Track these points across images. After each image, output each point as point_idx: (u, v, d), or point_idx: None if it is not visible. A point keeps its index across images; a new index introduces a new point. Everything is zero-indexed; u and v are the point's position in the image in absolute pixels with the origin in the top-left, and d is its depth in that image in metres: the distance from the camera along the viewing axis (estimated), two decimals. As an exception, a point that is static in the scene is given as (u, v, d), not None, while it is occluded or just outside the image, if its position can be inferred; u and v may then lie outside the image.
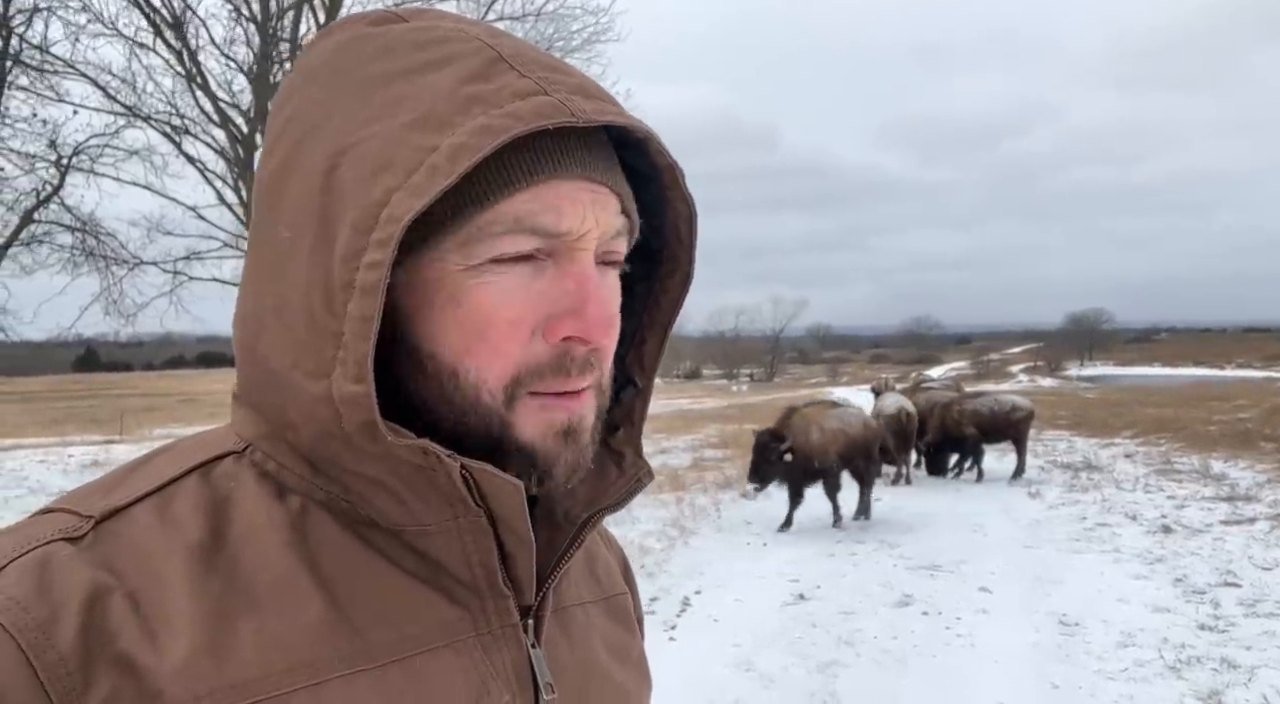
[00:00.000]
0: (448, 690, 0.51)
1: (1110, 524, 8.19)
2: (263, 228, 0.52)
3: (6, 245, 14.69)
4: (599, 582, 0.70)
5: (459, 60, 0.49)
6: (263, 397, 0.53)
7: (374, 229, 0.45)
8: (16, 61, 13.81)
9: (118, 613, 0.44)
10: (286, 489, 0.52)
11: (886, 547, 7.51)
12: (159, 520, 0.49)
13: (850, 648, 4.91)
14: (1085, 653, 4.75)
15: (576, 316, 0.50)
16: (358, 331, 0.46)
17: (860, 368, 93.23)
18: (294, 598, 0.49)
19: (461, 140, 0.45)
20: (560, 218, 0.49)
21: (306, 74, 0.53)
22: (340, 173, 0.47)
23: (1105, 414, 21.00)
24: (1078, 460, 12.81)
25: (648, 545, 7.58)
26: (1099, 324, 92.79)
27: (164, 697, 0.44)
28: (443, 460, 0.49)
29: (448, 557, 0.52)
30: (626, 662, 0.68)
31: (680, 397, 44.18)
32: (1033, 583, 6.21)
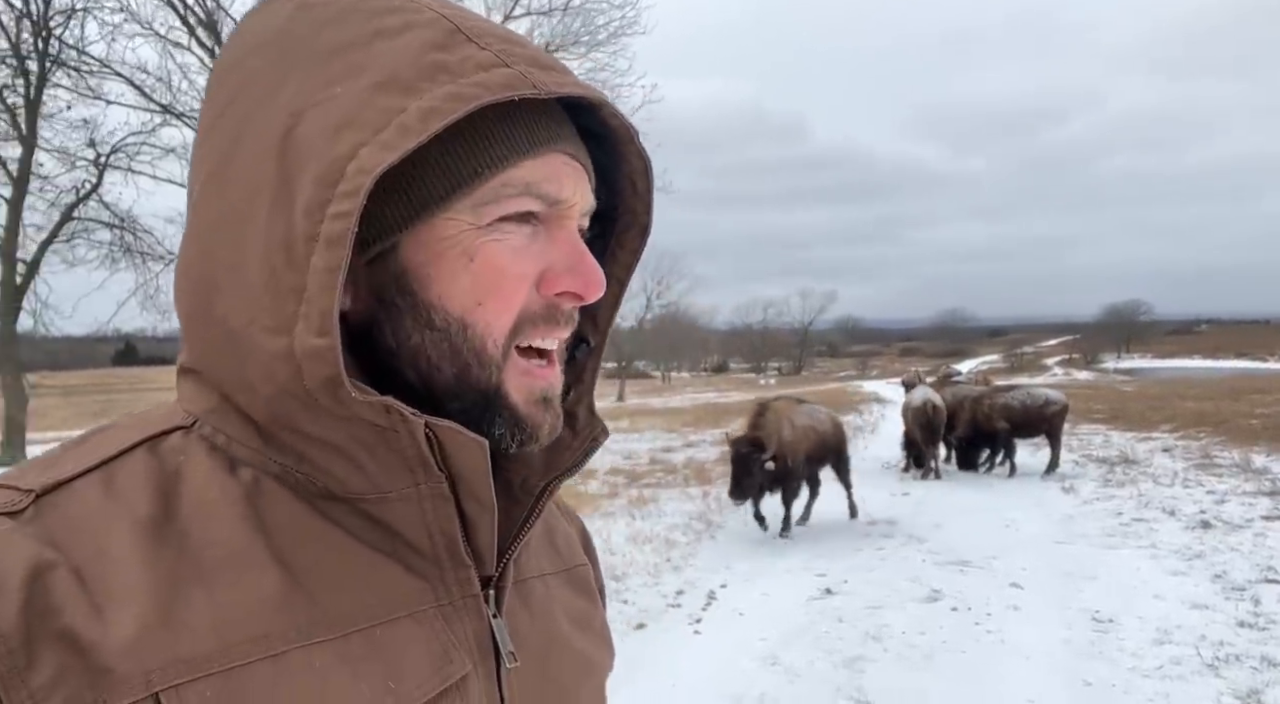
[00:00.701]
0: (409, 659, 0.51)
1: (1147, 519, 8.02)
2: (213, 195, 0.52)
3: (47, 242, 15.04)
4: (559, 553, 0.71)
5: (416, 29, 0.50)
6: (217, 360, 0.52)
7: (340, 181, 0.46)
8: (56, 62, 14.11)
9: (62, 588, 0.43)
10: (238, 462, 0.51)
11: (915, 542, 7.42)
12: (104, 494, 0.48)
13: (877, 643, 4.86)
14: (1119, 650, 4.66)
15: (573, 273, 0.54)
16: (323, 283, 0.46)
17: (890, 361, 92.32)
18: (249, 570, 0.48)
19: (432, 104, 0.47)
20: (560, 187, 0.53)
21: (251, 46, 0.53)
22: (299, 132, 0.48)
23: (1143, 407, 20.56)
24: (1114, 455, 12.57)
25: (673, 538, 7.58)
26: (1137, 315, 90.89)
27: (114, 673, 0.43)
28: (406, 419, 0.49)
29: (407, 525, 0.53)
30: (588, 631, 0.69)
31: (707, 390, 44.16)
32: (1065, 579, 6.10)
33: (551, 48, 15.02)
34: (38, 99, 14.20)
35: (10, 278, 14.63)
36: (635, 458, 14.14)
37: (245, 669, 0.45)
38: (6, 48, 13.80)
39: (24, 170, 14.40)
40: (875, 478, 11.34)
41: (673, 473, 12.00)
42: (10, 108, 14.32)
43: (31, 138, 14.31)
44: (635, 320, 47.20)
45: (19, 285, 14.78)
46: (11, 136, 14.52)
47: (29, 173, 14.45)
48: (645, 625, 5.32)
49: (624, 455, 14.52)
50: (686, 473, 11.83)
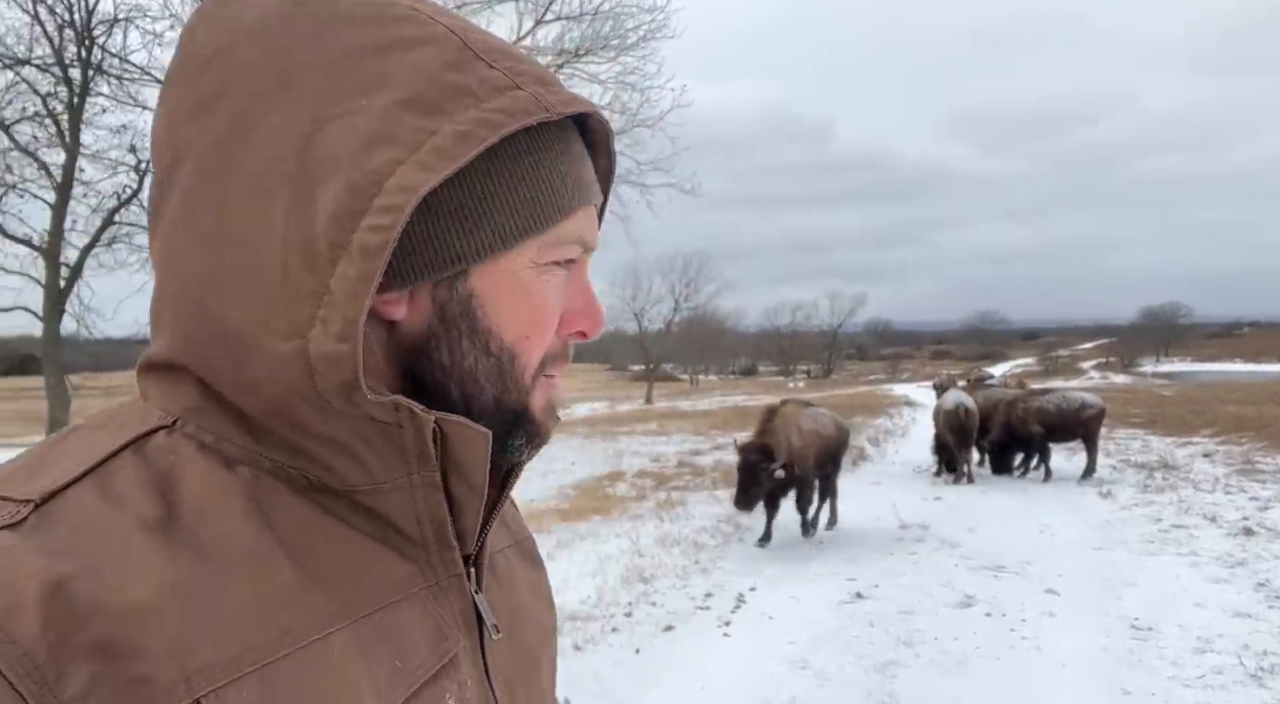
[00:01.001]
0: (410, 639, 0.54)
1: (1187, 526, 7.85)
2: (210, 186, 0.50)
3: (89, 246, 15.39)
4: (509, 528, 0.76)
5: (429, 44, 0.52)
6: (209, 358, 0.51)
7: (377, 195, 0.47)
8: (98, 70, 14.46)
9: (84, 598, 0.42)
10: (232, 460, 0.51)
11: (947, 546, 7.33)
12: (103, 499, 0.47)
13: (909, 648, 4.80)
14: (1159, 658, 4.56)
15: (587, 316, 0.60)
16: (353, 291, 0.47)
17: (921, 364, 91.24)
18: (263, 566, 0.48)
19: (464, 128, 0.49)
20: (594, 235, 0.59)
21: (242, 31, 0.52)
22: (323, 138, 0.48)
23: (1183, 411, 20.10)
24: (1153, 460, 12.30)
25: (702, 541, 7.56)
26: (1176, 318, 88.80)
27: (154, 681, 0.42)
28: (415, 415, 0.51)
29: (398, 513, 0.55)
30: (539, 597, 0.75)
31: (735, 392, 43.98)
32: (1103, 585, 5.98)
33: (581, 52, 15.08)
34: (80, 106, 14.53)
35: (54, 281, 14.98)
36: (663, 460, 14.13)
37: (277, 664, 0.46)
38: (50, 56, 14.16)
39: (67, 176, 14.74)
40: (907, 482, 11.22)
41: (700, 475, 11.98)
42: (54, 115, 14.69)
43: (75, 145, 14.66)
44: (663, 323, 47.18)
45: (62, 289, 15.14)
46: (55, 143, 14.90)
47: (72, 179, 14.80)
48: (673, 627, 5.31)
49: (652, 458, 14.51)
50: (714, 475, 11.79)
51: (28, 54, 14.05)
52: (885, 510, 8.89)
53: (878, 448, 15.38)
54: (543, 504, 10.29)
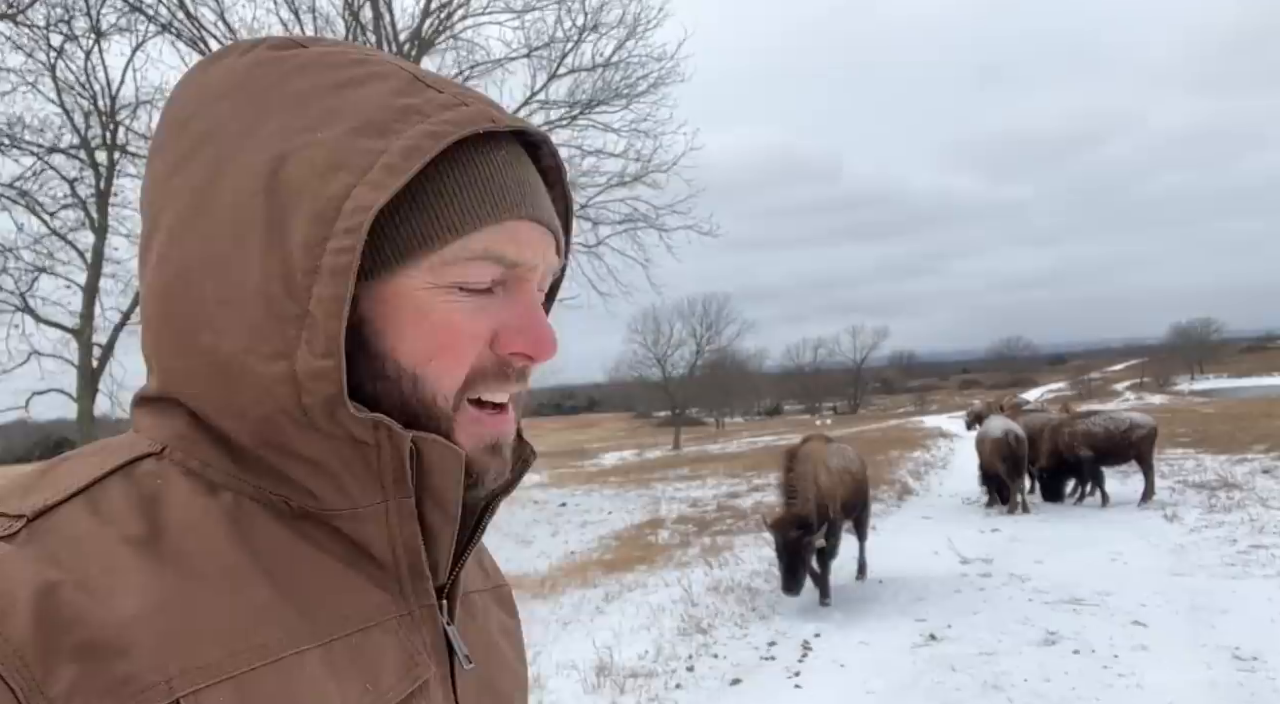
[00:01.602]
0: (382, 664, 0.55)
1: (1267, 546, 7.44)
2: (190, 230, 0.54)
3: (120, 325, 15.58)
4: (487, 573, 0.76)
5: (381, 79, 0.55)
6: (199, 388, 0.54)
7: (336, 219, 0.50)
8: (124, 151, 14.80)
9: (72, 602, 0.44)
10: (216, 486, 0.54)
11: (1016, 580, 6.98)
12: (93, 517, 0.49)
13: (1000, 692, 4.48)
14: (1273, 690, 4.21)
15: (524, 335, 0.57)
16: (330, 310, 0.50)
17: (949, 395, 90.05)
18: (243, 583, 0.50)
19: (412, 142, 0.51)
20: (520, 250, 0.56)
21: (210, 93, 0.56)
22: (286, 174, 0.51)
23: (1230, 428, 19.48)
24: (1211, 479, 11.83)
25: (756, 586, 7.27)
26: (1208, 334, 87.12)
27: (136, 681, 0.44)
28: (394, 433, 0.52)
29: (373, 541, 0.56)
30: (514, 646, 0.74)
31: (764, 433, 43.48)
32: (1191, 614, 5.62)
33: (594, 103, 15.26)
34: (108, 189, 14.86)
35: (87, 361, 15.13)
36: (702, 505, 13.82)
37: (253, 674, 0.48)
38: (77, 143, 14.52)
39: (97, 257, 15.00)
40: (960, 514, 10.85)
41: (743, 518, 11.65)
42: (82, 200, 15.02)
43: (103, 226, 14.95)
44: (686, 367, 46.93)
45: (95, 368, 15.27)
46: (83, 226, 15.20)
47: (101, 260, 15.06)
48: (740, 680, 5.03)
49: (690, 503, 14.21)
50: (757, 518, 11.46)
51: (55, 141, 14.44)
52: (942, 545, 8.55)
53: (921, 481, 14.98)
54: (584, 556, 10.01)
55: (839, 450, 7.30)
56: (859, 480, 7.32)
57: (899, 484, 14.09)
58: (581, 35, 14.71)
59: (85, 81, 14.09)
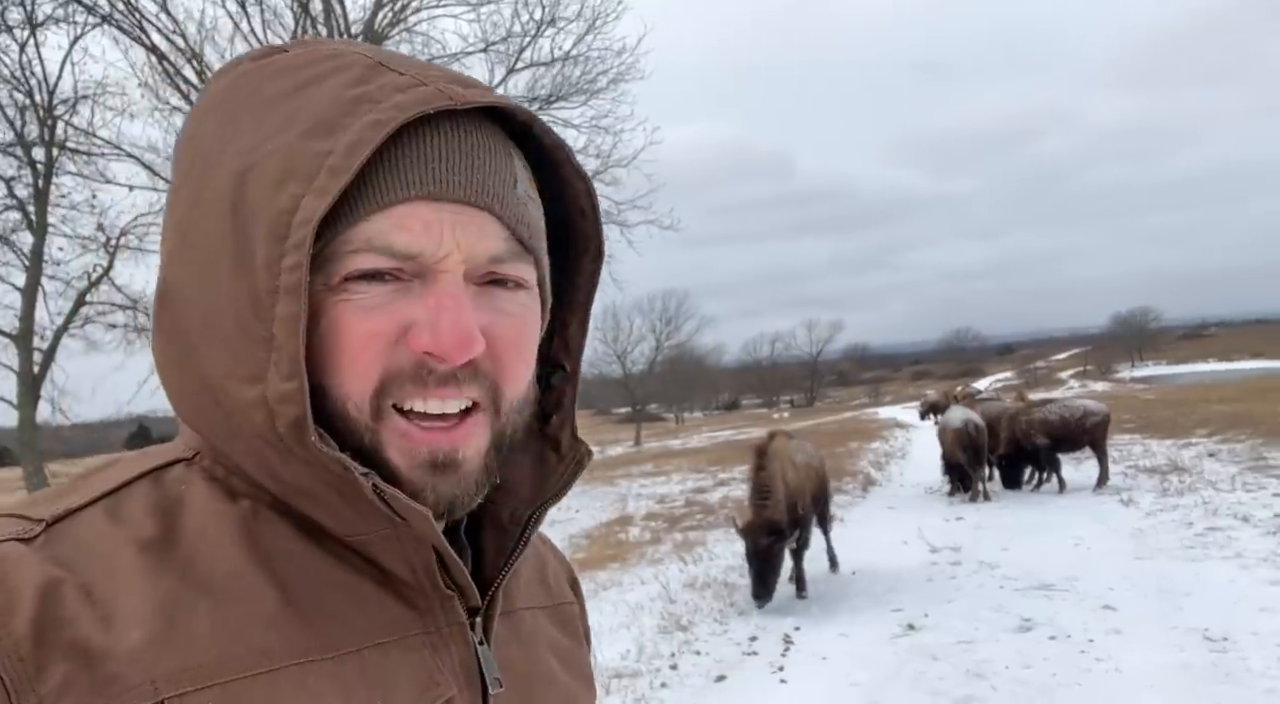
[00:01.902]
0: (397, 683, 0.52)
1: (1221, 528, 7.69)
2: (179, 255, 0.53)
3: (62, 329, 14.98)
4: (549, 589, 0.72)
5: (342, 71, 0.51)
6: (199, 409, 0.54)
7: (288, 235, 0.47)
8: (63, 148, 14.22)
9: (71, 603, 0.45)
10: (237, 493, 0.53)
11: (986, 567, 7.10)
12: (110, 521, 0.50)
13: (983, 680, 4.54)
14: (1245, 670, 4.34)
15: (430, 331, 0.50)
16: (289, 330, 0.48)
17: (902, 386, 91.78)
18: (248, 590, 0.49)
19: (354, 137, 0.48)
20: (411, 238, 0.50)
21: (205, 110, 0.55)
22: (246, 191, 0.49)
23: (1171, 414, 20.16)
24: (1161, 463, 12.22)
25: (732, 581, 7.27)
26: (1147, 323, 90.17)
27: (121, 680, 0.44)
28: (357, 477, 0.49)
29: (390, 561, 0.54)
30: (572, 668, 0.69)
31: (723, 427, 43.73)
32: (1159, 597, 5.78)
33: (553, 98, 15.11)
34: (46, 187, 14.26)
35: (28, 367, 14.52)
36: (669, 501, 13.82)
37: (244, 682, 0.46)
38: (12, 139, 13.91)
39: (36, 259, 14.40)
40: (923, 504, 11.03)
41: (712, 513, 11.68)
42: (20, 200, 14.39)
43: (42, 226, 14.35)
44: (646, 363, 46.95)
45: (36, 374, 14.67)
46: (21, 227, 14.56)
47: (41, 262, 14.45)
48: (725, 677, 5.02)
49: (657, 499, 14.19)
50: (726, 512, 11.51)
51: (-11, 139, 13.80)
52: (910, 535, 8.67)
53: (882, 471, 15.19)
54: (555, 557, 9.94)
55: (800, 446, 7.26)
56: (821, 475, 7.33)
57: (862, 475, 14.27)
58: (540, 29, 14.56)
59: (21, 75, 13.49)
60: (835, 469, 14.55)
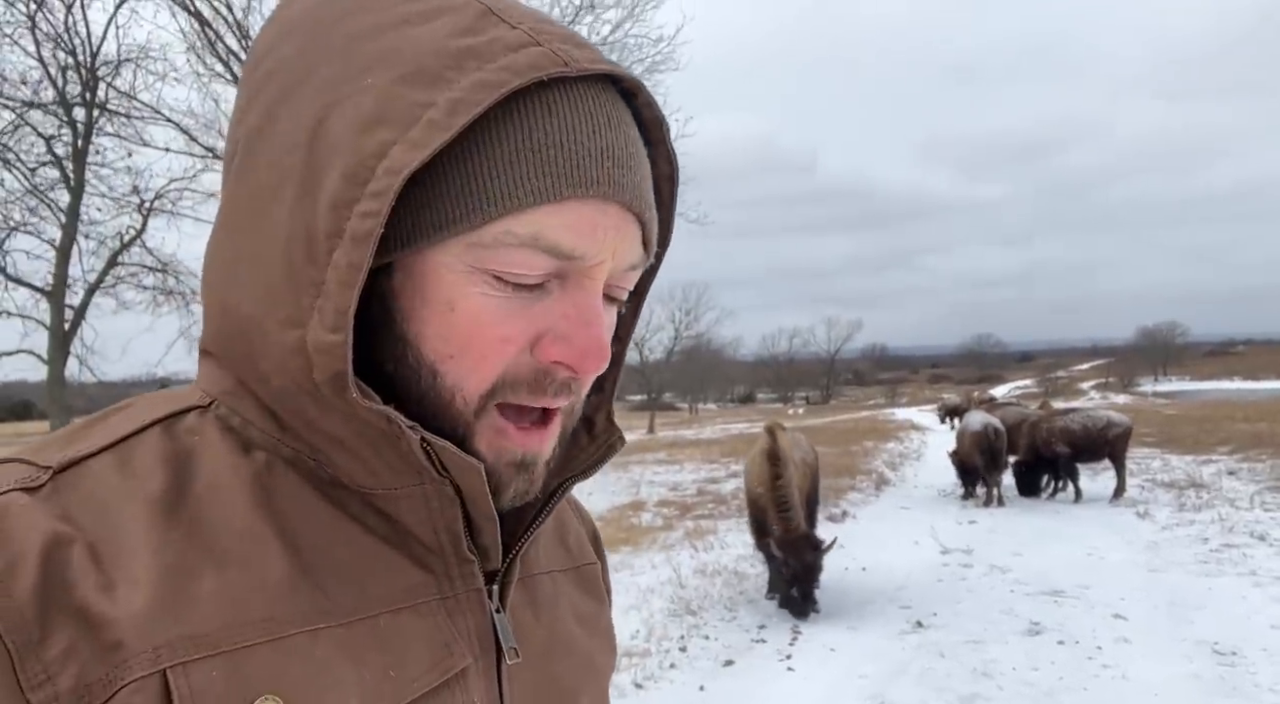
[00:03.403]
0: (410, 650, 0.51)
1: (1237, 545, 7.66)
2: (239, 181, 0.51)
3: (93, 288, 15.24)
4: (569, 551, 0.70)
5: (447, 14, 0.48)
6: (232, 348, 0.51)
7: (370, 180, 0.44)
8: (104, 109, 14.41)
9: (77, 564, 0.43)
10: (252, 444, 0.51)
11: (997, 571, 7.12)
12: (119, 472, 0.48)
13: (989, 680, 4.58)
14: (1254, 685, 4.36)
15: (568, 344, 0.49)
16: (344, 279, 0.45)
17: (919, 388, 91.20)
18: (258, 554, 0.47)
19: (459, 95, 0.44)
20: (578, 239, 0.47)
21: (283, 30, 0.52)
22: (329, 125, 0.46)
23: (1194, 430, 19.95)
24: (1180, 478, 12.13)
25: (742, 570, 7.34)
26: (1173, 337, 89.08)
27: (124, 648, 0.42)
28: (404, 431, 0.47)
29: (413, 520, 0.52)
30: (595, 631, 0.67)
31: (737, 420, 43.70)
32: (1170, 609, 5.78)
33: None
34: (86, 147, 14.46)
35: (59, 324, 14.79)
36: (682, 489, 13.89)
37: (250, 650, 0.45)
38: (54, 99, 14.11)
39: (73, 217, 14.63)
40: (937, 505, 11.02)
41: (724, 503, 11.75)
42: (59, 158, 14.61)
43: (79, 186, 14.56)
44: (664, 353, 47.02)
45: (67, 331, 14.94)
46: (59, 185, 14.79)
47: (77, 220, 14.68)
48: (733, 662, 5.09)
49: (670, 487, 14.27)
50: (738, 503, 11.56)
51: (32, 97, 14.01)
52: (922, 535, 8.70)
53: (896, 472, 15.18)
54: (567, 538, 10.03)
55: (796, 441, 6.99)
56: (815, 469, 7.11)
57: (876, 474, 14.27)
58: (578, 14, 14.55)
59: (66, 35, 13.67)
60: (848, 467, 14.61)
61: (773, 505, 6.06)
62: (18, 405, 43.33)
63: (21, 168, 14.08)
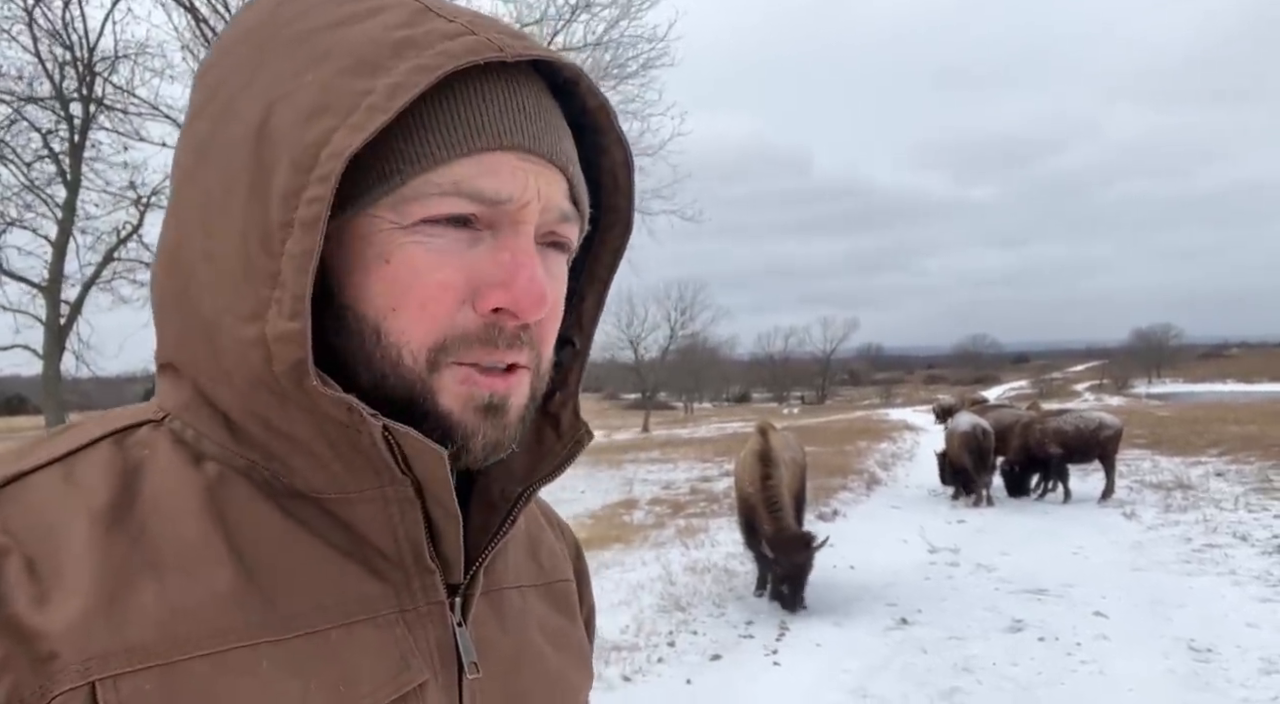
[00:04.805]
0: (363, 665, 0.49)
1: (1219, 545, 7.77)
2: (189, 184, 0.51)
3: (89, 283, 15.26)
4: (540, 566, 0.68)
5: (385, 11, 0.49)
6: (192, 350, 0.51)
7: (314, 167, 0.45)
8: (100, 104, 14.44)
9: (12, 577, 0.43)
10: (204, 456, 0.51)
11: (983, 570, 7.22)
12: (63, 485, 0.47)
13: (969, 674, 4.68)
14: (1226, 681, 4.46)
15: (505, 288, 0.49)
16: (298, 266, 0.45)
17: (915, 389, 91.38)
18: (203, 565, 0.47)
19: (398, 79, 0.46)
20: (500, 183, 0.49)
21: (234, 39, 0.53)
22: (274, 121, 0.47)
23: (1185, 432, 20.09)
24: (1168, 480, 12.25)
25: (732, 567, 7.43)
26: (1167, 339, 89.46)
27: (55, 660, 0.42)
28: (365, 419, 0.47)
29: (372, 528, 0.51)
30: (565, 648, 0.66)
31: (732, 419, 43.80)
32: (1150, 607, 5.88)
33: (584, 82, 15.14)
34: (82, 142, 14.49)
35: (54, 319, 14.82)
36: (675, 488, 13.98)
37: (186, 664, 0.44)
38: (51, 93, 14.13)
39: (69, 212, 14.66)
40: (926, 505, 11.12)
41: (716, 502, 11.83)
42: (55, 153, 14.64)
43: (76, 181, 14.59)
44: (659, 352, 47.10)
45: (62, 326, 14.97)
46: (56, 180, 14.82)
47: (73, 215, 14.70)
48: (720, 656, 5.18)
49: (663, 485, 14.36)
50: (729, 502, 11.64)
51: (29, 91, 14.03)
52: (910, 534, 8.79)
53: (888, 471, 15.28)
54: (559, 535, 10.10)
55: (786, 441, 7.07)
56: (804, 467, 7.15)
57: (867, 474, 14.37)
58: (574, 13, 14.61)
59: (63, 31, 13.70)
60: (841, 467, 14.71)
61: (763, 505, 6.13)
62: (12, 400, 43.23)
63: (18, 163, 14.10)
